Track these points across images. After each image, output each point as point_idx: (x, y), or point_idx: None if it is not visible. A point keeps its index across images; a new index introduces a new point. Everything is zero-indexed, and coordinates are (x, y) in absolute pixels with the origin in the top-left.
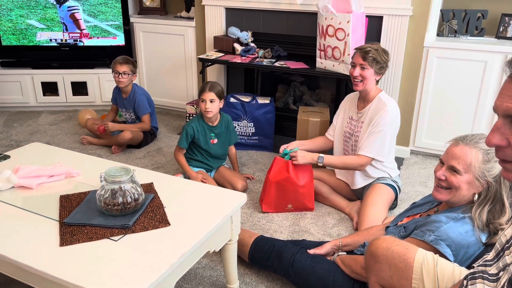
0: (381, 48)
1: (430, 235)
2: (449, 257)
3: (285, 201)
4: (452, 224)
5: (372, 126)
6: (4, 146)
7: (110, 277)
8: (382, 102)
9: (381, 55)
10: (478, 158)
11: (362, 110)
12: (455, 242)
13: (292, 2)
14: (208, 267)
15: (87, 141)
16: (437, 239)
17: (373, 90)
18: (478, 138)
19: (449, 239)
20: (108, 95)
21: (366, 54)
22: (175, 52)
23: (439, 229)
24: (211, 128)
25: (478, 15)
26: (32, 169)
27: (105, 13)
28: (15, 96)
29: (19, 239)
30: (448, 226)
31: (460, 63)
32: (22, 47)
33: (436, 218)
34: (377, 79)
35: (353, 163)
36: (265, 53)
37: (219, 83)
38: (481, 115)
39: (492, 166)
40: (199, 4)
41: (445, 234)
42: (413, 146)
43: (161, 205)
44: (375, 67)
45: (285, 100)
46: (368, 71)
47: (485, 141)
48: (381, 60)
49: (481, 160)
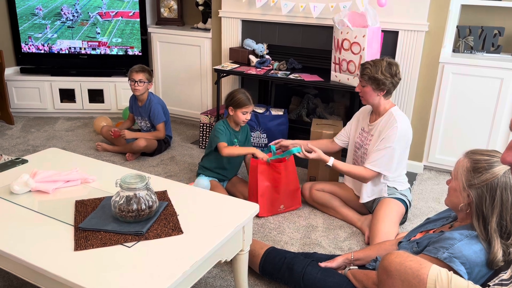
0: (383, 64)
1: (444, 252)
2: (463, 275)
3: (277, 202)
4: (466, 241)
5: (381, 141)
6: (21, 151)
7: (123, 283)
8: (393, 117)
9: (379, 71)
10: (464, 166)
11: (373, 123)
12: (469, 260)
13: (308, 16)
14: (219, 277)
15: (102, 148)
16: (451, 256)
17: (383, 104)
18: (478, 151)
19: (463, 257)
20: (124, 103)
21: (362, 71)
22: (191, 63)
23: (453, 246)
24: (235, 133)
25: (495, 32)
26: (49, 174)
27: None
28: (34, 102)
29: (34, 242)
30: (462, 243)
31: (476, 79)
32: (41, 55)
33: (450, 235)
34: (379, 95)
35: (358, 173)
36: (280, 65)
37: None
38: (497, 132)
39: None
40: (216, 16)
41: (459, 251)
42: (426, 161)
43: (175, 213)
44: (371, 84)
45: (298, 112)
46: (366, 88)
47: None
48: (379, 77)
49: (466, 168)
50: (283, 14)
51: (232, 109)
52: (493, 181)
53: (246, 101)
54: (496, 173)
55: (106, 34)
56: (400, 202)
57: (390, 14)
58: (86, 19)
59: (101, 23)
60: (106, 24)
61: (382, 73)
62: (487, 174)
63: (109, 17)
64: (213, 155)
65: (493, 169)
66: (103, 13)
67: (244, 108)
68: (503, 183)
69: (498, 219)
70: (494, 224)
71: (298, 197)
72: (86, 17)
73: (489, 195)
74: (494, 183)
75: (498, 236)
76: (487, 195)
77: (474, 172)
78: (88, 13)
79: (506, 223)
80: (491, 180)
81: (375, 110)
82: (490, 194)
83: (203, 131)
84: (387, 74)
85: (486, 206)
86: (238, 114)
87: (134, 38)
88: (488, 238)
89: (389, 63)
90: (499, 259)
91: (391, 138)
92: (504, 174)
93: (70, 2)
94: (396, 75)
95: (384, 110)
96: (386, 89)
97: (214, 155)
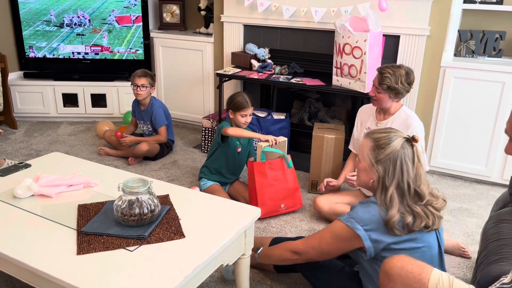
0: (403, 74)
1: (345, 216)
2: (360, 233)
3: (278, 201)
4: (363, 206)
5: None
6: (24, 155)
7: (125, 286)
8: (409, 116)
9: (399, 81)
10: (368, 146)
11: (382, 121)
12: (364, 219)
13: (310, 20)
14: (221, 281)
15: (105, 152)
16: (349, 217)
17: (393, 106)
18: (376, 130)
19: (359, 218)
20: (126, 107)
21: (382, 80)
22: (193, 67)
23: (353, 211)
24: None
25: (496, 36)
26: (52, 178)
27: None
28: (37, 106)
29: (37, 246)
30: (359, 208)
31: (477, 83)
32: (45, 59)
33: (353, 206)
34: (394, 101)
35: None
36: (282, 70)
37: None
38: (499, 135)
39: (385, 151)
40: (218, 20)
41: (355, 214)
42: (428, 165)
43: (177, 217)
44: (389, 93)
45: (300, 116)
46: (382, 95)
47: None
48: (399, 87)
49: (370, 147)
50: (284, 18)
51: (232, 112)
52: (394, 153)
53: (244, 104)
54: (395, 145)
55: (124, 43)
56: None
57: (392, 18)
58: (97, 26)
59: (117, 30)
60: (124, 30)
61: (401, 83)
62: (389, 148)
63: (129, 22)
64: (217, 154)
65: (393, 143)
66: (119, 18)
67: (243, 111)
68: (403, 154)
69: (396, 184)
70: (392, 191)
71: (298, 197)
72: (98, 24)
73: (392, 165)
74: (395, 155)
75: (398, 202)
76: (390, 166)
77: (378, 148)
78: (99, 20)
79: (409, 185)
80: (393, 152)
81: (385, 110)
82: (393, 165)
83: (205, 135)
84: (405, 84)
85: (388, 176)
86: (238, 117)
87: (136, 42)
88: (386, 204)
89: (407, 73)
90: (394, 221)
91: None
92: (402, 146)
93: (81, 5)
94: (411, 83)
95: (395, 109)
96: (401, 96)
97: (217, 154)
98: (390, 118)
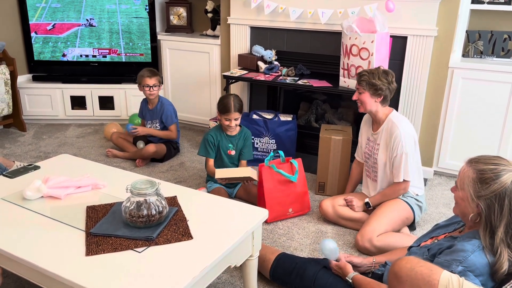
0: (380, 71)
1: (458, 266)
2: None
3: (286, 206)
4: (479, 253)
5: (392, 152)
6: (33, 157)
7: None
8: (393, 124)
9: (376, 77)
10: (470, 177)
11: (376, 131)
12: (482, 272)
13: (316, 22)
14: (228, 283)
15: (112, 154)
16: (466, 270)
17: (380, 111)
18: (482, 159)
19: (478, 270)
20: (133, 110)
21: (359, 78)
22: (200, 69)
23: (467, 259)
24: (229, 139)
25: (505, 36)
26: (61, 179)
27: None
28: (45, 109)
29: (46, 247)
30: (476, 255)
31: (485, 84)
32: (53, 62)
33: (462, 246)
34: (377, 101)
35: (392, 193)
36: (289, 71)
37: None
38: (508, 137)
39: (490, 187)
40: (225, 22)
41: (472, 264)
42: (436, 167)
43: (184, 218)
44: (369, 90)
45: (307, 117)
46: (364, 94)
47: None
48: (377, 83)
49: (472, 179)
50: (291, 20)
51: (219, 113)
52: (501, 191)
53: (228, 108)
54: (504, 182)
55: (132, 46)
56: (407, 205)
57: (399, 19)
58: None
59: (125, 32)
60: (131, 33)
61: (379, 79)
62: (495, 185)
63: (136, 24)
64: (220, 160)
65: (500, 179)
66: (126, 20)
67: (226, 114)
68: (511, 192)
69: (506, 228)
70: (501, 234)
71: (306, 201)
72: (106, 27)
73: (498, 204)
74: (502, 193)
75: (506, 246)
76: (496, 205)
77: (481, 183)
78: (107, 23)
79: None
80: (500, 190)
81: (375, 118)
82: (499, 203)
83: None
84: (383, 80)
85: (495, 216)
86: (222, 119)
87: (144, 45)
88: (494, 249)
89: (385, 71)
90: (504, 271)
91: (399, 146)
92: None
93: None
94: (392, 83)
95: (384, 117)
96: (383, 94)
97: (221, 160)
98: (380, 128)
